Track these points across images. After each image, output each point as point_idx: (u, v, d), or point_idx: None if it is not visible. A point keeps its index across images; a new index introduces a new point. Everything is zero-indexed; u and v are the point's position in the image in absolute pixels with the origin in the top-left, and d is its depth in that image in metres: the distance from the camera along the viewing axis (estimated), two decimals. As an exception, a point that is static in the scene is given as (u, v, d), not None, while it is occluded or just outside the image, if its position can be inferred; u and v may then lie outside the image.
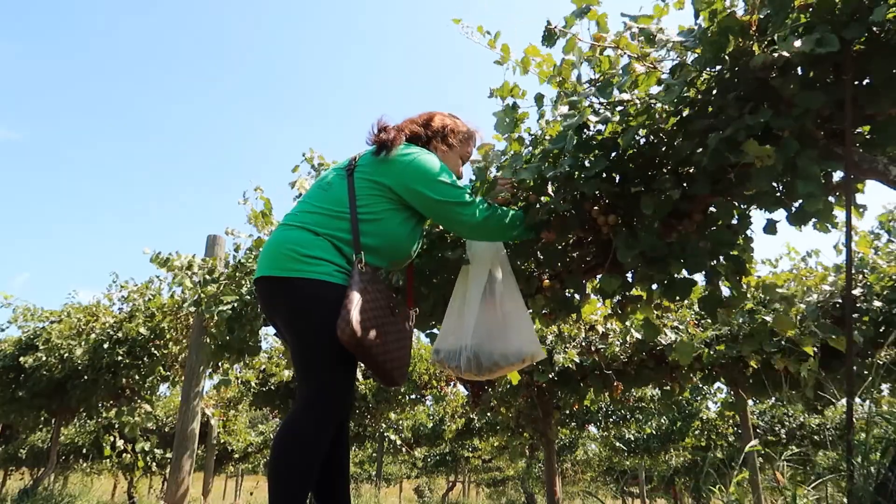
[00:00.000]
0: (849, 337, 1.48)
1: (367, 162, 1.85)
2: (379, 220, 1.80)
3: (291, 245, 1.73)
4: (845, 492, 1.48)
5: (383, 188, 1.81)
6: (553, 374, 4.83)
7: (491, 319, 1.92)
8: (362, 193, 1.80)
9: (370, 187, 1.81)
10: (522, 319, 1.93)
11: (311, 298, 1.69)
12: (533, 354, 1.92)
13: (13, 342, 6.04)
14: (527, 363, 1.95)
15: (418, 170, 1.80)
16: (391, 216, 1.82)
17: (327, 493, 1.80)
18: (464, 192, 1.84)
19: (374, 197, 1.80)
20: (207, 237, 4.90)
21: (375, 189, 1.81)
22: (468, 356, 1.91)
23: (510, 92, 1.92)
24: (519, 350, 1.91)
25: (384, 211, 1.81)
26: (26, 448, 12.41)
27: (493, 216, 1.85)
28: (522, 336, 1.92)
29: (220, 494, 19.75)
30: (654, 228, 1.68)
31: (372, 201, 1.80)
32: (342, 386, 1.72)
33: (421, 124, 2.00)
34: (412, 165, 1.80)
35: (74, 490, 7.35)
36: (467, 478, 22.03)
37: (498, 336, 1.91)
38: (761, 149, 1.36)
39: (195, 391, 4.78)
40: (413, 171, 1.80)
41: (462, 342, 1.94)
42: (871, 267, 3.54)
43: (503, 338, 1.91)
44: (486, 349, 1.90)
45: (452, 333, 1.99)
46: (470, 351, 1.92)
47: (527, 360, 1.93)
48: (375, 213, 1.79)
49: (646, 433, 11.07)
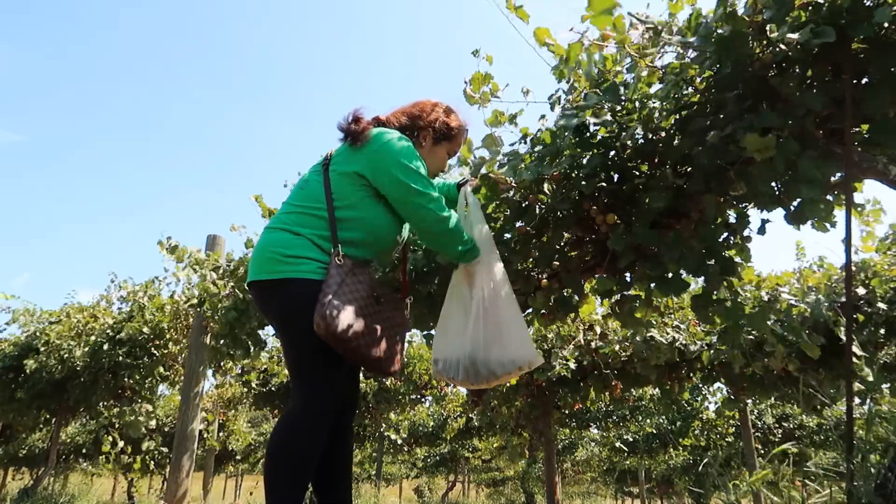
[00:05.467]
0: (848, 337, 1.48)
1: (339, 153, 1.85)
2: (356, 211, 1.79)
3: (274, 247, 1.74)
4: (845, 492, 1.47)
5: (356, 177, 1.80)
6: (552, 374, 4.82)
7: (486, 327, 1.88)
8: (337, 186, 1.79)
9: (344, 178, 1.80)
10: (518, 326, 1.89)
11: (298, 298, 1.69)
12: (529, 362, 1.88)
13: (13, 343, 6.03)
14: (524, 371, 1.90)
15: (389, 152, 1.78)
16: (368, 205, 1.81)
17: (326, 487, 1.80)
18: (430, 186, 1.81)
19: (349, 187, 1.79)
20: (207, 237, 4.91)
21: (348, 179, 1.80)
22: (465, 366, 1.89)
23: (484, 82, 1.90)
24: (514, 358, 1.86)
25: (360, 201, 1.80)
26: (26, 448, 12.42)
27: (452, 218, 1.84)
28: (518, 343, 1.87)
29: (220, 494, 19.75)
30: (648, 222, 1.67)
31: (347, 192, 1.79)
32: (336, 381, 1.72)
33: (409, 115, 1.98)
34: (383, 148, 1.79)
35: (74, 490, 7.34)
36: (467, 478, 22.02)
37: (493, 344, 1.87)
38: (762, 140, 1.35)
39: (195, 391, 4.78)
40: (383, 154, 1.78)
41: (459, 352, 1.91)
42: (873, 271, 3.54)
43: (499, 346, 1.87)
44: (481, 358, 1.87)
45: (449, 343, 1.96)
46: (466, 360, 1.89)
47: (523, 367, 1.88)
48: (351, 204, 1.79)
49: (645, 432, 11.07)
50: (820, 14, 1.33)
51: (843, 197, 1.59)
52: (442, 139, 2.01)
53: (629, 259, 1.78)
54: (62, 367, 5.47)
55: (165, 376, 5.81)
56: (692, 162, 1.63)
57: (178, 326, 5.54)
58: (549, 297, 2.15)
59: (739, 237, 1.75)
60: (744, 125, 1.41)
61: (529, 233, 2.02)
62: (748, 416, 6.11)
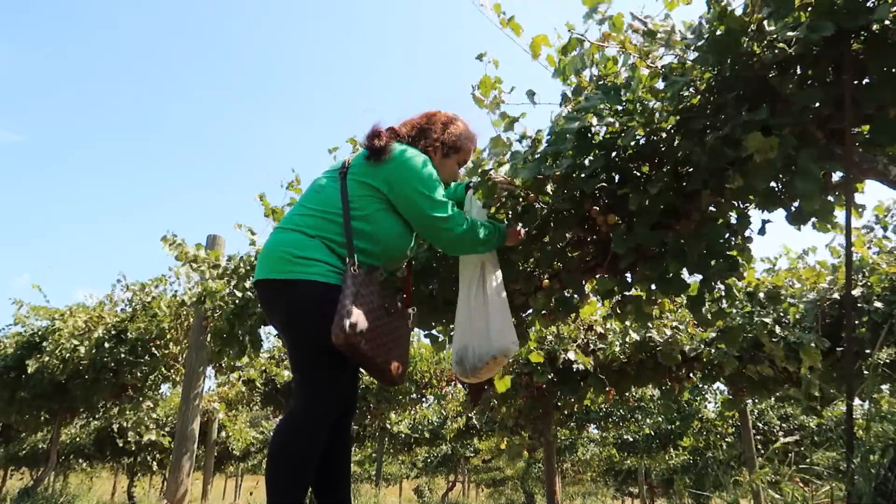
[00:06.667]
0: (848, 337, 1.48)
1: (358, 164, 1.86)
2: (371, 222, 1.81)
3: (286, 247, 1.76)
4: (845, 492, 1.48)
5: (373, 190, 1.82)
6: (552, 374, 4.82)
7: (475, 321, 1.91)
8: (354, 195, 1.81)
9: (361, 189, 1.82)
10: (500, 317, 1.90)
11: (306, 299, 1.71)
12: (503, 351, 1.86)
13: (14, 341, 6.02)
14: (500, 361, 1.89)
15: (405, 176, 1.81)
16: (383, 217, 1.83)
17: (326, 487, 1.81)
18: (446, 206, 1.84)
19: (366, 198, 1.82)
20: (207, 237, 4.91)
21: (366, 190, 1.82)
22: (456, 360, 1.93)
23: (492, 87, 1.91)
24: (488, 350, 1.86)
25: (376, 212, 1.82)
26: (26, 448, 12.41)
27: (468, 231, 1.86)
28: (493, 334, 1.88)
29: (220, 494, 19.75)
30: (649, 222, 1.68)
31: (364, 203, 1.81)
32: (339, 382, 1.74)
33: (419, 128, 2.00)
34: (400, 169, 1.81)
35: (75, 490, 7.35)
36: (467, 478, 22.02)
37: (476, 337, 1.89)
38: (763, 140, 1.35)
39: (195, 391, 4.78)
40: (400, 177, 1.81)
41: (456, 347, 1.95)
42: (870, 268, 3.54)
43: (480, 338, 1.88)
44: (468, 352, 1.90)
45: (454, 338, 2.00)
46: (457, 355, 1.92)
47: (498, 357, 1.87)
48: (367, 214, 1.81)
49: (645, 432, 11.07)
50: (819, 13, 1.33)
51: (843, 197, 1.60)
52: (451, 152, 2.03)
53: (630, 260, 1.79)
54: (64, 366, 5.48)
55: (167, 376, 5.81)
56: (692, 163, 1.63)
57: (178, 326, 5.54)
58: (551, 297, 2.15)
59: (741, 238, 1.75)
60: (739, 123, 1.41)
61: (530, 233, 2.02)
62: (748, 416, 6.11)
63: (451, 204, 1.86)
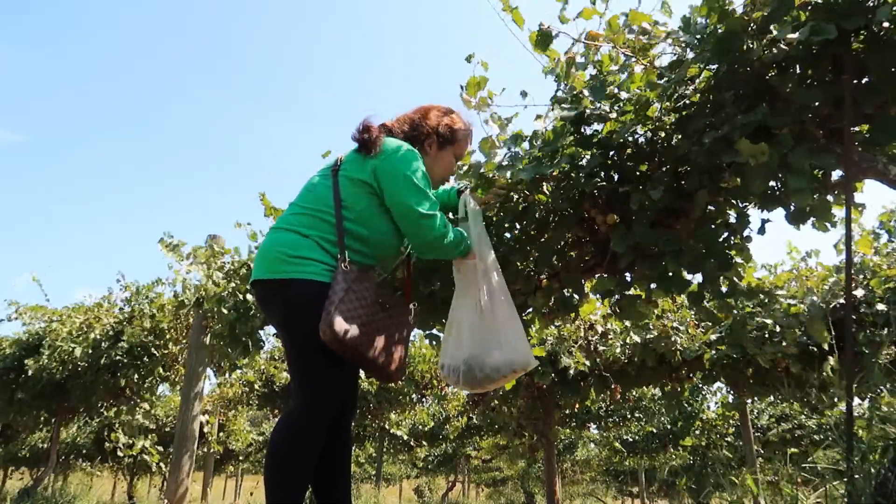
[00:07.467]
0: (848, 336, 1.48)
1: (350, 160, 1.86)
2: (363, 218, 1.80)
3: (280, 247, 1.75)
4: (845, 491, 1.48)
5: (364, 185, 1.81)
6: (553, 374, 4.82)
7: (484, 331, 1.89)
8: (346, 192, 1.80)
9: (353, 185, 1.81)
10: (514, 329, 1.89)
11: (301, 299, 1.70)
12: (524, 365, 1.88)
13: (13, 342, 6.02)
14: (518, 374, 1.90)
15: (396, 167, 1.79)
16: (375, 213, 1.82)
17: (325, 487, 1.81)
18: (433, 204, 1.82)
19: (358, 195, 1.81)
20: (207, 237, 4.91)
21: (357, 186, 1.81)
22: (464, 369, 1.90)
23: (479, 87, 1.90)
24: (509, 361, 1.86)
25: (367, 208, 1.81)
26: (26, 448, 12.42)
27: (446, 234, 1.84)
28: (512, 346, 1.87)
29: (220, 494, 19.75)
30: (648, 221, 1.67)
31: (355, 200, 1.80)
32: (337, 382, 1.73)
33: (413, 124, 1.98)
34: (390, 160, 1.80)
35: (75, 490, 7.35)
36: (467, 478, 22.02)
37: (490, 348, 1.88)
38: (754, 147, 1.36)
39: (195, 391, 4.78)
40: (390, 167, 1.79)
41: (460, 355, 1.92)
42: (872, 270, 3.53)
43: (496, 349, 1.87)
44: (478, 362, 1.87)
45: (450, 347, 1.97)
46: (464, 365, 1.89)
47: (518, 370, 1.88)
48: (359, 210, 1.80)
49: (645, 431, 11.06)
50: (819, 13, 1.33)
51: (843, 197, 1.60)
52: (447, 144, 2.01)
53: (629, 259, 1.78)
54: (63, 367, 5.48)
55: (166, 376, 5.81)
56: (691, 162, 1.63)
57: (178, 326, 5.54)
58: (550, 296, 2.15)
59: (739, 237, 1.75)
60: (738, 125, 1.41)
61: (530, 233, 2.02)
62: (748, 416, 6.10)
63: (437, 204, 1.85)
